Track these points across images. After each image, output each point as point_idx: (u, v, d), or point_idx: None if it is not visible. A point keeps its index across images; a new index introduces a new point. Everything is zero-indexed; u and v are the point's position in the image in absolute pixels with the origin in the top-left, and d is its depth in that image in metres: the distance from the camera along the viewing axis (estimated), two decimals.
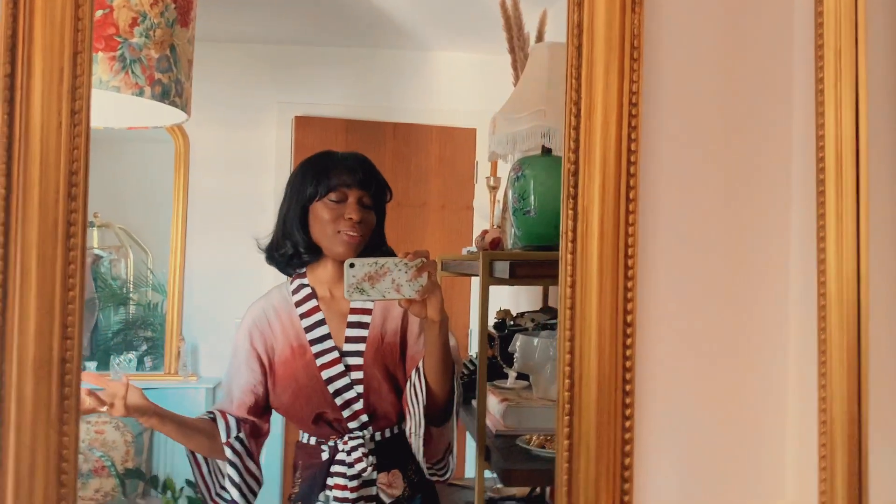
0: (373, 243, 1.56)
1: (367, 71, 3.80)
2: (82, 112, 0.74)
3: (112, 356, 3.53)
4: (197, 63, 2.13)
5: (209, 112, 2.79)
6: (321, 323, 1.53)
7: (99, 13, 1.70)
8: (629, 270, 0.79)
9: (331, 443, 1.50)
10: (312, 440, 1.54)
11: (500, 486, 2.48)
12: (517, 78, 2.41)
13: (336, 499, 1.48)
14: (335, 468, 1.49)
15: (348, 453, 1.49)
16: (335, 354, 1.51)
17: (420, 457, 1.48)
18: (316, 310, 1.54)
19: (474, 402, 2.27)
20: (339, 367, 1.50)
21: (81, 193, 0.74)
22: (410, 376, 1.48)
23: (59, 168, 0.73)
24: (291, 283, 1.58)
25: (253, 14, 3.38)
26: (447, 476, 1.58)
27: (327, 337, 1.52)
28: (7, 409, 0.72)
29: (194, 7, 2.05)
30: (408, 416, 1.48)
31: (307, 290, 1.56)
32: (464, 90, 3.87)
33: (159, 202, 3.64)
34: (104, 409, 1.32)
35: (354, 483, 1.47)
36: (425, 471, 1.52)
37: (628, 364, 0.80)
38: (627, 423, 0.79)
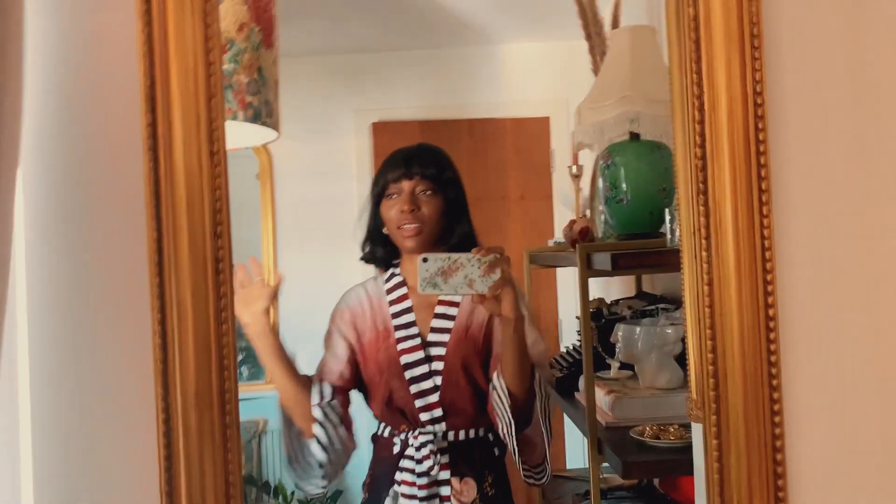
0: (449, 228, 1.56)
1: (436, 70, 3.83)
2: (220, 153, 0.77)
3: None
4: None
5: (289, 125, 2.86)
6: (408, 311, 1.54)
7: None
8: (767, 263, 0.78)
9: (402, 436, 1.50)
10: (386, 432, 1.54)
11: (605, 476, 2.45)
12: (595, 63, 2.39)
13: (404, 495, 1.48)
14: (404, 463, 1.48)
15: (417, 449, 1.47)
16: (417, 341, 1.51)
17: (516, 457, 1.46)
18: (404, 298, 1.55)
19: (577, 395, 2.26)
20: (419, 354, 1.50)
21: (226, 231, 0.78)
22: (492, 379, 1.46)
23: (203, 209, 0.77)
24: (386, 273, 1.61)
25: (321, 25, 3.44)
26: (544, 481, 1.55)
27: (412, 324, 1.53)
28: (176, 440, 0.76)
29: (276, 27, 2.09)
30: (497, 420, 1.46)
31: (398, 280, 1.58)
32: (533, 80, 3.86)
33: (245, 218, 3.76)
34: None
35: (423, 480, 1.46)
36: (522, 474, 1.50)
37: (773, 359, 0.78)
38: (777, 419, 0.78)
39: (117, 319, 0.81)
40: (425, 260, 1.26)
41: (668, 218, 1.72)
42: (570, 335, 3.75)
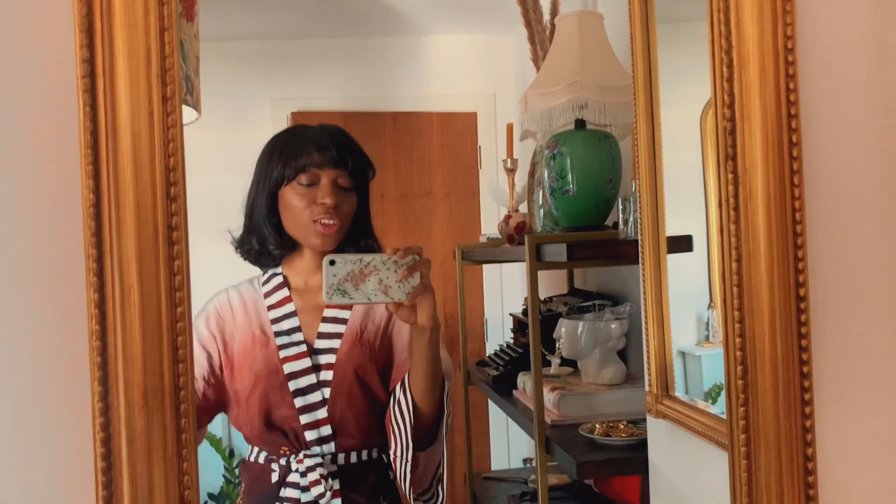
0: (356, 231, 1.38)
1: (362, 61, 3.70)
2: (175, 98, 0.63)
3: None
4: None
5: (204, 113, 2.66)
6: (291, 315, 1.34)
7: None
8: (799, 238, 0.71)
9: (282, 461, 1.29)
10: (261, 457, 1.33)
11: (534, 476, 2.40)
12: (534, 52, 2.32)
13: None
14: (285, 492, 1.27)
15: (303, 474, 1.27)
16: (302, 348, 1.31)
17: (406, 486, 1.29)
18: (286, 300, 1.35)
19: (515, 393, 2.20)
20: (306, 363, 1.30)
21: (182, 193, 0.64)
22: (394, 391, 1.30)
23: (153, 165, 0.62)
24: (264, 273, 1.41)
25: (239, 8, 3.25)
26: None
27: (296, 330, 1.33)
28: (117, 449, 0.61)
29: (198, 1, 1.93)
30: (391, 439, 1.29)
31: (279, 280, 1.38)
32: (462, 73, 3.78)
33: None
34: None
35: None
36: (410, 498, 1.32)
37: (804, 343, 0.71)
38: (807, 410, 0.71)
39: (45, 301, 0.65)
40: (332, 263, 1.08)
41: (620, 208, 1.68)
42: (495, 334, 3.71)
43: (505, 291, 3.71)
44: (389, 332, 1.37)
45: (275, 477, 1.29)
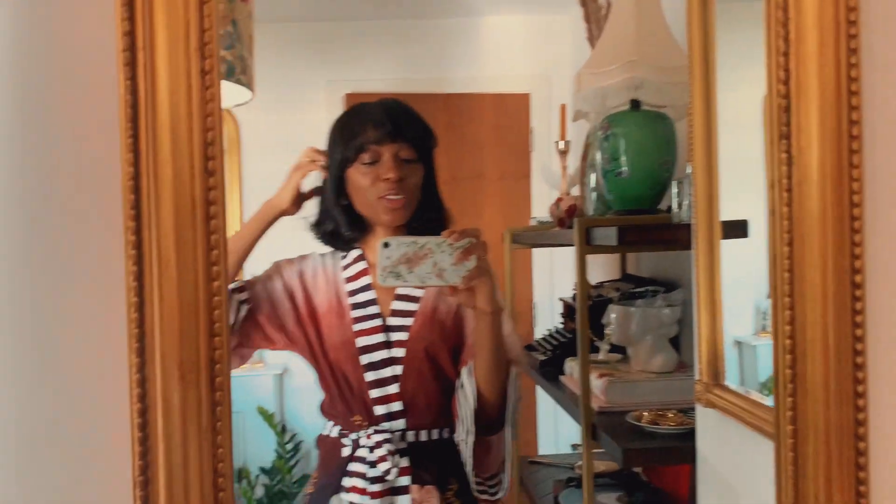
0: (425, 203, 1.36)
1: (415, 42, 3.68)
2: (213, 72, 0.63)
3: None
4: None
5: (260, 95, 2.69)
6: (367, 288, 1.33)
7: None
8: (856, 222, 0.67)
9: (354, 435, 1.30)
10: (335, 431, 1.34)
11: (580, 463, 2.37)
12: (589, 31, 2.27)
13: None
14: (353, 466, 1.27)
15: (371, 449, 1.27)
16: (377, 322, 1.31)
17: (469, 468, 1.28)
18: (363, 273, 1.35)
19: (562, 378, 2.17)
20: (379, 337, 1.30)
21: (219, 167, 0.64)
22: (460, 374, 1.29)
23: (191, 139, 0.62)
24: (345, 251, 1.41)
25: None
26: (499, 496, 1.35)
27: (372, 303, 1.32)
28: (153, 420, 0.62)
29: None
30: (457, 421, 1.28)
31: (357, 253, 1.38)
32: (516, 54, 3.73)
33: None
34: None
35: (376, 487, 1.25)
36: (473, 486, 1.31)
37: (859, 332, 0.68)
38: (860, 402, 0.68)
39: (85, 275, 0.66)
40: (386, 245, 1.07)
41: (674, 191, 1.63)
42: (544, 319, 3.67)
43: (555, 276, 3.68)
44: (461, 312, 1.35)
45: (346, 451, 1.30)
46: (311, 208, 1.42)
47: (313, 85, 3.65)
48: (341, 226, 1.36)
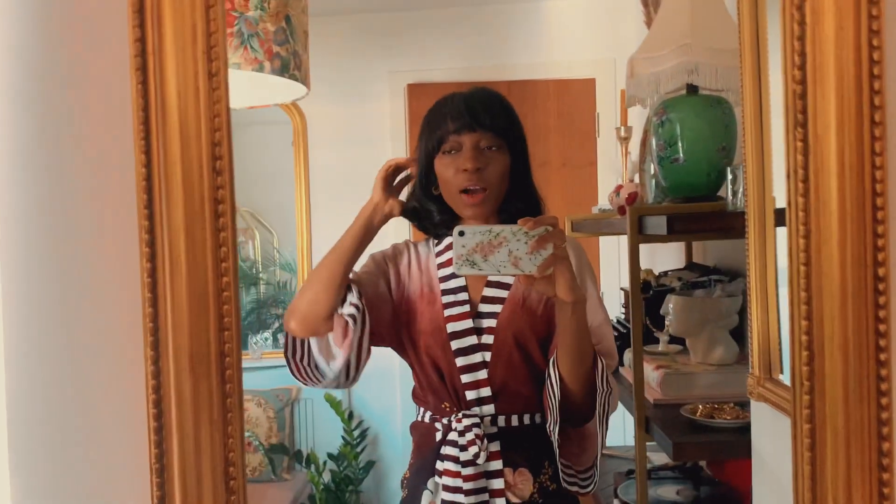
0: (516, 192, 1.35)
1: (475, 29, 3.67)
2: (220, 75, 0.65)
3: (248, 335, 3.62)
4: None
5: (322, 88, 2.74)
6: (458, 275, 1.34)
7: None
8: (879, 212, 0.64)
9: (445, 420, 1.32)
10: (426, 417, 1.37)
11: (648, 454, 2.33)
12: (647, 15, 2.22)
13: (447, 488, 1.28)
14: (446, 450, 1.30)
15: (461, 433, 1.29)
16: (466, 308, 1.33)
17: (557, 458, 1.28)
18: None
19: (621, 370, 2.14)
20: (468, 323, 1.32)
21: (227, 168, 0.66)
22: (549, 363, 1.28)
23: (200, 140, 0.65)
24: (438, 239, 1.43)
25: None
26: (589, 490, 1.35)
27: (462, 290, 1.35)
28: (167, 410, 0.65)
29: None
30: (546, 410, 1.29)
31: (450, 239, 1.33)
32: (580, 39, 3.67)
33: (280, 183, 3.69)
34: None
35: (469, 471, 1.27)
36: (563, 477, 1.31)
37: (882, 328, 0.64)
38: (884, 401, 0.64)
39: (100, 270, 0.70)
40: (462, 234, 1.06)
41: (729, 178, 1.58)
42: (612, 308, 3.61)
43: (623, 265, 3.62)
44: (552, 301, 1.33)
45: (438, 436, 1.33)
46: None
47: (376, 76, 3.69)
48: (434, 216, 1.38)
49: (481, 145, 1.30)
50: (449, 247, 1.38)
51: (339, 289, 1.29)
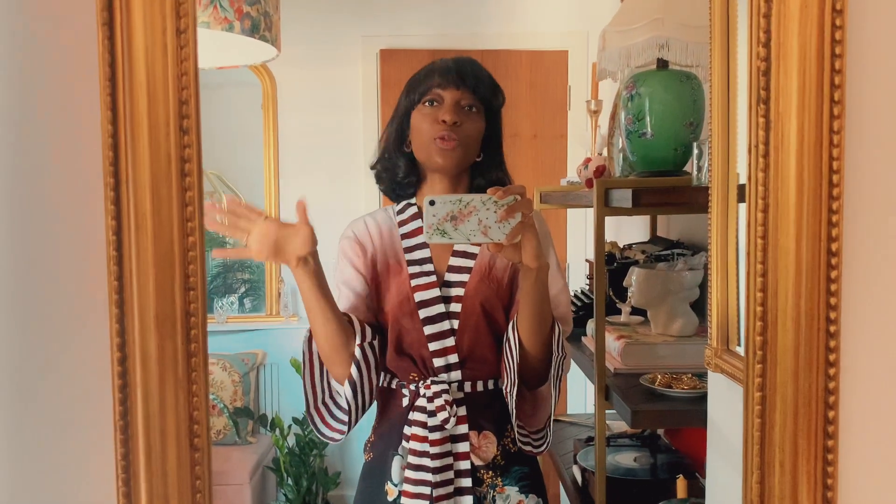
0: (489, 162, 1.39)
1: None
2: (188, 32, 0.64)
3: (214, 299, 3.60)
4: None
5: (294, 51, 2.71)
6: (423, 245, 1.38)
7: None
8: (834, 189, 0.65)
9: (412, 386, 1.35)
10: (393, 383, 1.39)
11: (608, 422, 2.38)
12: None
13: (414, 452, 1.32)
14: (414, 416, 1.33)
15: (429, 399, 1.31)
16: (433, 278, 1.35)
17: (513, 421, 1.33)
18: (419, 231, 1.37)
19: (584, 340, 2.18)
20: (435, 292, 1.34)
21: (194, 126, 0.65)
22: (507, 328, 1.33)
23: (167, 98, 0.64)
24: (399, 204, 1.45)
25: None
26: (542, 449, 1.40)
27: (427, 261, 1.37)
28: (132, 369, 0.65)
29: None
30: (503, 374, 1.33)
31: (413, 210, 1.41)
32: (552, 10, 3.66)
33: (248, 146, 3.64)
34: (242, 241, 1.16)
35: (436, 435, 1.30)
36: (518, 437, 1.35)
37: (833, 301, 0.67)
38: (832, 371, 0.67)
39: (65, 228, 0.69)
40: (432, 203, 1.08)
41: (695, 153, 1.60)
42: (577, 279, 3.66)
43: (588, 237, 3.65)
44: (516, 270, 1.37)
45: (405, 402, 1.36)
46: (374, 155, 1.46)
47: (349, 41, 3.64)
48: (399, 173, 1.40)
49: (462, 103, 1.33)
50: (412, 217, 1.41)
51: (339, 322, 1.30)
